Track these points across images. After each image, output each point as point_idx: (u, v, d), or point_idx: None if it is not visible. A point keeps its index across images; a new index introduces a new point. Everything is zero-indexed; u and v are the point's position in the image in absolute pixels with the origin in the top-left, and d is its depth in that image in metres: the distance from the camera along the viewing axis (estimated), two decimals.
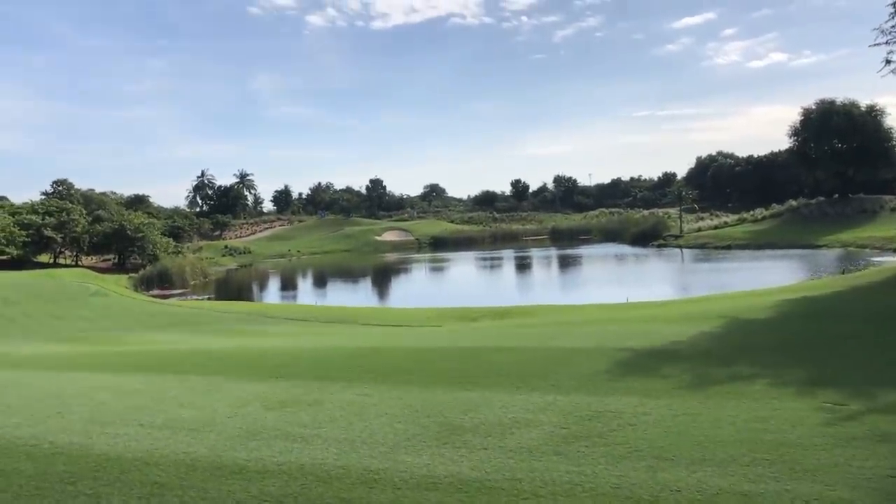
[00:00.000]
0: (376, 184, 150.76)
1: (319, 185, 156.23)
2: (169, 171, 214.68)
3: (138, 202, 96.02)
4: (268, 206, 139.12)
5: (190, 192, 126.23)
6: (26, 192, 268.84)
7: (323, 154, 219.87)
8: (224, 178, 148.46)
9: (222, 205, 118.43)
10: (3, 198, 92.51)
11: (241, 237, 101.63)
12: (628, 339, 8.36)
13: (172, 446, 5.20)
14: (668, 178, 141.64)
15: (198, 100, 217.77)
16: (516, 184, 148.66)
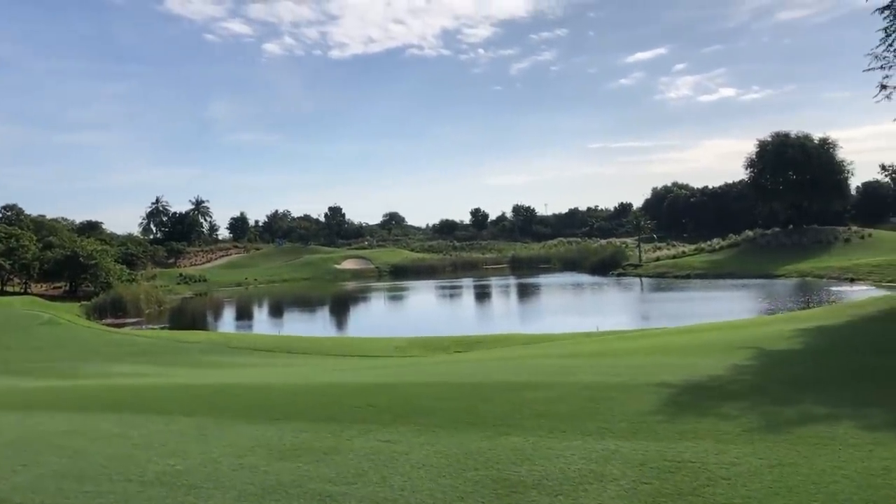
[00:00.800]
0: (335, 211, 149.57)
1: (277, 212, 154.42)
2: (122, 198, 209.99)
3: (91, 228, 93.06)
4: (224, 233, 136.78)
5: (144, 219, 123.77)
6: None
7: (280, 181, 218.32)
8: (179, 205, 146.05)
9: (177, 232, 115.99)
10: None
11: (196, 265, 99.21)
12: (659, 372, 7.69)
13: None
14: (625, 207, 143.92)
15: (152, 125, 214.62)
16: (476, 213, 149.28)
